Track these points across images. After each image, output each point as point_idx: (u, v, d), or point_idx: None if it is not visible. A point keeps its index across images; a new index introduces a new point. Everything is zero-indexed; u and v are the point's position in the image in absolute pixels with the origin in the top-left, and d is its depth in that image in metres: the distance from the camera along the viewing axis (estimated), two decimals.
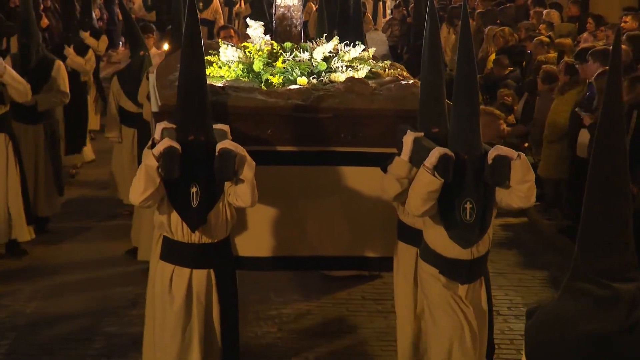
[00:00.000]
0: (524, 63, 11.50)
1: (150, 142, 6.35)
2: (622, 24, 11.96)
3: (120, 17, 17.74)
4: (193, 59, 6.12)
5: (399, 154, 6.45)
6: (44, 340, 7.85)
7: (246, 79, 7.40)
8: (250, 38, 7.77)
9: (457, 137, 6.02)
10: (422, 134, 6.36)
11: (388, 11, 31.53)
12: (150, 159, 5.92)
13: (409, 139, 6.34)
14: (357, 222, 7.07)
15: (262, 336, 8.04)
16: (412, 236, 6.64)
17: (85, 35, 13.24)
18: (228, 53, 7.63)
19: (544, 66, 10.88)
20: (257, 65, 7.47)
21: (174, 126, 6.30)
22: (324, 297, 8.83)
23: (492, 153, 5.93)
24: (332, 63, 7.55)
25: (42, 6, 16.48)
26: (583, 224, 3.64)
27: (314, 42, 7.85)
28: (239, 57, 7.62)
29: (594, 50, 10.01)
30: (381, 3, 29.86)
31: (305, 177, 6.98)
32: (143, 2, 17.58)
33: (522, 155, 5.97)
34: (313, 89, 7.16)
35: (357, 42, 7.79)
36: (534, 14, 14.69)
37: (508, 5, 15.98)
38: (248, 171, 6.00)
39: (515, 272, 9.67)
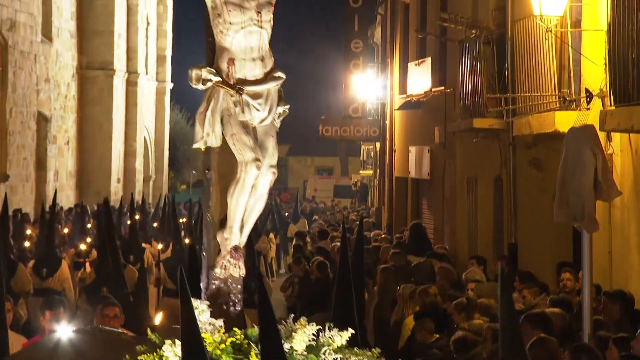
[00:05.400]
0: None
1: None
2: (561, 282, 10.85)
3: None
4: None
5: None
6: None
7: None
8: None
9: None
10: None
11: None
12: None
13: None
14: None
15: None
16: None
17: None
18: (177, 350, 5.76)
19: (458, 332, 9.44)
20: None
21: None
22: None
23: None
24: (322, 355, 5.83)
25: None
26: None
27: (284, 324, 6.15)
28: None
29: (529, 314, 8.75)
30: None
31: None
32: None
33: None
34: None
35: None
36: (471, 268, 13.20)
37: (423, 260, 14.41)
38: None
39: None
